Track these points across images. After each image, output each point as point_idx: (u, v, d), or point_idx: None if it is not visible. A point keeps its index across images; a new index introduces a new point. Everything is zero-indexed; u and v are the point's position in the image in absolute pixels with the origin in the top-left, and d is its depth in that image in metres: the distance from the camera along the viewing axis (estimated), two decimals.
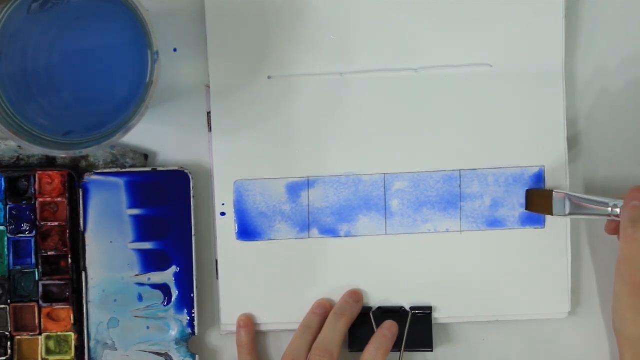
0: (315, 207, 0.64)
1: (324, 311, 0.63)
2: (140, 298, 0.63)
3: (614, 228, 0.62)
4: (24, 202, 0.62)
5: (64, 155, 0.62)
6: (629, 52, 0.65)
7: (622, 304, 0.58)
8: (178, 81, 0.64)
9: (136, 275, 0.63)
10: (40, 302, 0.62)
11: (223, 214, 0.64)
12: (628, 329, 0.58)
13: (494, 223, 0.64)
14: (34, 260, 0.62)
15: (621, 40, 0.65)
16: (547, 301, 0.64)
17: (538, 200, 0.63)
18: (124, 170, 0.63)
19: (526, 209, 0.63)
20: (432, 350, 0.64)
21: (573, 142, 0.64)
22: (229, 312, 0.64)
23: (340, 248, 0.64)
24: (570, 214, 0.61)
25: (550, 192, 0.62)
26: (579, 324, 0.65)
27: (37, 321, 0.62)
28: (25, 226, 0.62)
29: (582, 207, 0.61)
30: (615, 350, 0.65)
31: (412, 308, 0.64)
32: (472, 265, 0.64)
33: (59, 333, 0.63)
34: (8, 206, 0.62)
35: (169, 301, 0.63)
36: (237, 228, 0.64)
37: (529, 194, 0.63)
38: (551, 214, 0.62)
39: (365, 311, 0.64)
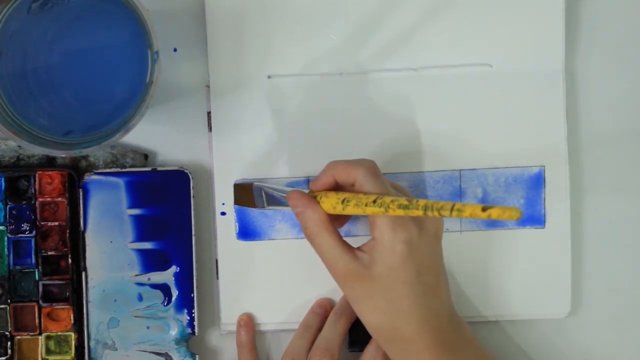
0: None
1: (324, 311, 0.64)
2: (140, 298, 0.63)
3: None
4: (24, 202, 0.62)
5: (64, 155, 0.62)
6: (629, 52, 0.65)
7: (350, 299, 0.58)
8: (178, 81, 0.64)
9: (136, 275, 0.63)
10: (40, 302, 0.62)
11: (223, 213, 0.64)
12: (369, 319, 0.58)
13: (494, 223, 0.64)
14: (34, 260, 0.62)
15: (621, 40, 0.65)
16: (547, 301, 0.64)
17: (241, 194, 0.63)
18: (124, 170, 0.63)
19: (234, 203, 0.63)
20: None
21: (573, 142, 0.64)
22: (229, 312, 0.64)
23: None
24: (269, 205, 0.61)
25: (251, 184, 0.62)
26: (579, 324, 0.65)
27: (37, 321, 0.62)
28: (25, 226, 0.62)
29: (276, 199, 0.60)
30: (615, 351, 0.66)
31: None
32: (472, 265, 0.64)
33: (59, 333, 0.63)
34: (8, 206, 0.62)
35: (169, 301, 0.63)
36: (237, 228, 0.64)
37: (235, 188, 0.63)
38: (254, 206, 0.62)
39: None
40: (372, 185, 0.56)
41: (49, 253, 0.62)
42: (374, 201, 0.54)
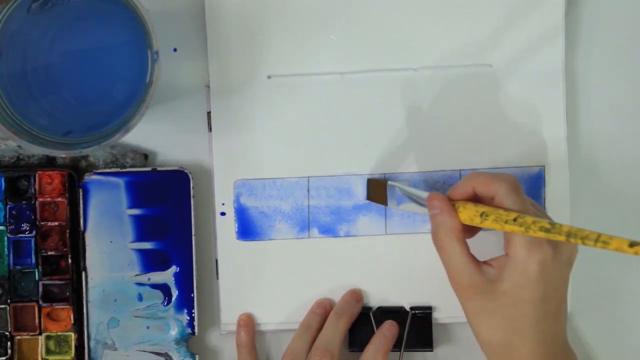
0: (315, 207, 0.64)
1: (324, 311, 0.64)
2: (140, 298, 0.63)
3: None
4: (24, 202, 0.62)
5: (64, 155, 0.62)
6: (629, 52, 0.65)
7: (467, 311, 0.57)
8: (178, 81, 0.64)
9: (136, 275, 0.63)
10: (40, 302, 0.62)
11: (223, 213, 0.64)
12: (483, 334, 0.57)
13: None
14: (33, 260, 0.62)
15: (621, 40, 0.65)
16: None
17: (375, 190, 0.63)
18: (124, 170, 0.63)
19: (367, 198, 0.63)
20: (432, 350, 0.64)
21: (573, 142, 0.64)
22: (229, 312, 0.64)
23: (340, 248, 0.64)
24: (404, 206, 0.61)
25: (385, 182, 0.62)
26: (579, 324, 0.65)
27: (37, 321, 0.62)
28: (25, 226, 0.62)
29: (410, 201, 0.60)
30: (615, 351, 0.66)
31: (412, 308, 0.64)
32: None
33: (59, 333, 0.63)
34: (8, 206, 0.62)
35: (169, 301, 0.63)
36: (237, 228, 0.64)
37: (369, 184, 0.63)
38: (386, 204, 0.62)
39: (365, 311, 0.64)
40: (513, 202, 0.55)
41: (49, 253, 0.62)
42: (515, 219, 0.54)
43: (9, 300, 0.62)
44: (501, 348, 0.56)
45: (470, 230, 0.59)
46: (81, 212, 0.63)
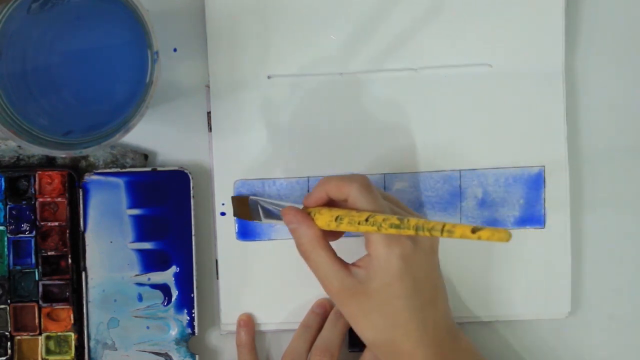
0: None
1: (323, 311, 0.64)
2: (140, 298, 0.63)
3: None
4: (24, 202, 0.62)
5: (64, 155, 0.62)
6: (629, 52, 0.65)
7: (347, 315, 0.57)
8: (178, 81, 0.64)
9: (136, 275, 0.63)
10: (40, 302, 0.62)
11: (223, 214, 0.64)
12: (367, 335, 0.57)
13: (494, 223, 0.64)
14: (33, 260, 0.62)
15: (621, 40, 0.65)
16: (547, 301, 0.64)
17: (239, 206, 0.63)
18: (124, 170, 0.63)
19: (233, 214, 0.64)
20: None
21: (573, 142, 0.64)
22: (229, 312, 0.64)
23: (340, 248, 0.64)
24: (265, 218, 0.61)
25: (247, 198, 0.62)
26: (579, 324, 0.65)
27: (37, 321, 0.62)
28: (25, 226, 0.62)
29: (272, 213, 0.61)
30: (615, 351, 0.66)
31: None
32: (472, 265, 0.64)
33: (59, 333, 0.63)
34: (8, 206, 0.62)
35: (169, 301, 0.63)
36: (237, 228, 0.64)
37: (233, 201, 0.63)
38: (250, 219, 0.62)
39: None
40: (364, 201, 0.56)
41: (49, 253, 0.62)
42: (367, 219, 0.54)
43: (9, 301, 0.62)
44: (387, 345, 0.57)
45: (334, 234, 0.59)
46: (81, 212, 0.63)
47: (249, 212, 0.62)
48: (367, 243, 0.56)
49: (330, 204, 0.58)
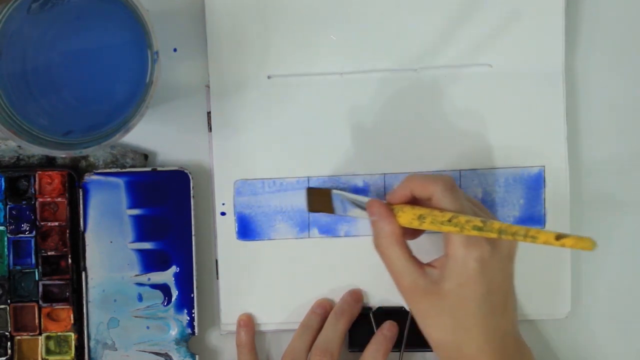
0: None
1: (324, 311, 0.64)
2: (140, 298, 0.63)
3: None
4: (24, 202, 0.62)
5: (64, 155, 0.62)
6: (629, 52, 0.65)
7: (416, 314, 0.58)
8: (178, 81, 0.64)
9: (136, 275, 0.63)
10: (40, 302, 0.62)
11: (223, 213, 0.64)
12: (434, 335, 0.57)
13: None
14: (34, 260, 0.62)
15: (621, 40, 0.65)
16: (547, 301, 0.64)
17: (317, 199, 0.63)
18: (124, 170, 0.63)
19: (308, 209, 0.63)
20: (432, 350, 0.64)
21: (573, 142, 0.64)
22: (229, 312, 0.64)
23: (340, 248, 0.64)
24: (351, 213, 0.61)
25: (329, 190, 0.62)
26: (579, 324, 0.65)
27: (37, 321, 0.62)
28: (25, 226, 0.62)
29: (355, 207, 0.61)
30: (615, 351, 0.66)
31: None
32: None
33: (59, 333, 0.63)
34: (8, 206, 0.62)
35: (169, 301, 0.63)
36: (237, 228, 0.64)
37: (309, 193, 0.63)
38: (332, 212, 0.62)
39: (365, 311, 0.64)
40: (448, 202, 0.56)
41: (49, 253, 0.62)
42: (449, 220, 0.55)
43: (9, 301, 0.62)
44: (451, 347, 0.57)
45: (413, 233, 0.59)
46: (81, 212, 0.63)
47: (331, 205, 0.62)
48: (446, 243, 0.56)
49: (413, 201, 0.58)
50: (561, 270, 0.64)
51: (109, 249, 0.63)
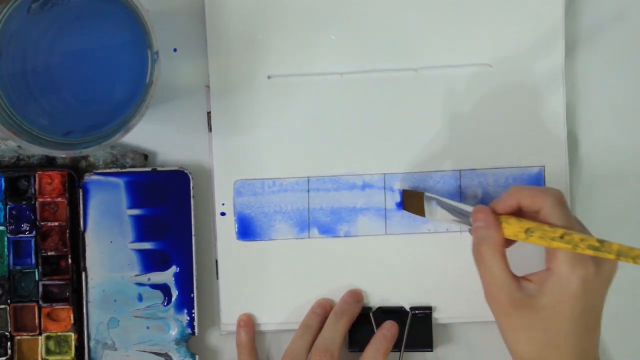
0: (315, 207, 0.64)
1: (324, 311, 0.63)
2: (140, 298, 0.63)
3: None
4: (24, 202, 0.62)
5: (64, 155, 0.62)
6: (629, 52, 0.65)
7: (503, 326, 0.57)
8: (178, 81, 0.64)
9: (136, 275, 0.63)
10: (40, 302, 0.62)
11: (223, 214, 0.64)
12: (520, 349, 0.57)
13: None
14: (33, 260, 0.62)
15: (621, 40, 0.65)
16: None
17: (411, 201, 0.63)
18: (124, 170, 0.63)
19: (402, 208, 0.63)
20: (432, 350, 0.64)
21: (573, 142, 0.64)
22: (229, 312, 0.64)
23: (340, 248, 0.64)
24: (441, 217, 0.61)
25: (422, 194, 0.62)
26: None
27: (37, 321, 0.62)
28: (25, 226, 0.62)
29: (451, 213, 0.60)
30: (615, 350, 0.65)
31: (412, 308, 0.64)
32: (472, 265, 0.64)
33: (59, 333, 0.63)
34: (8, 206, 0.62)
35: (169, 301, 0.63)
36: (237, 228, 0.64)
37: (405, 194, 0.63)
38: (424, 215, 0.62)
39: (365, 311, 0.64)
40: (559, 218, 0.55)
41: (49, 253, 0.62)
42: (561, 236, 0.54)
43: (9, 301, 0.62)
44: None
45: (508, 242, 0.59)
46: (81, 212, 0.63)
47: (423, 208, 0.62)
48: (549, 259, 0.56)
49: (519, 213, 0.58)
50: None
51: (109, 249, 0.63)
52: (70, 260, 0.62)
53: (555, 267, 0.55)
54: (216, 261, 0.64)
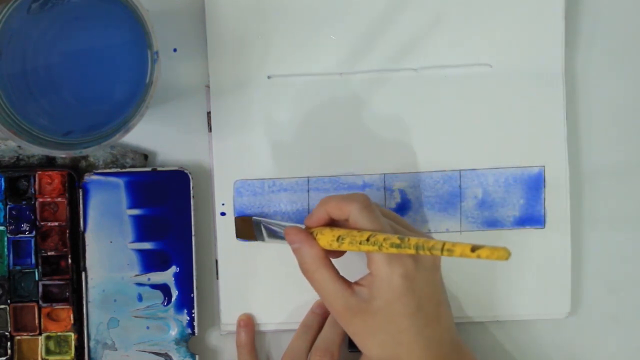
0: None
1: (323, 311, 0.64)
2: (140, 298, 0.63)
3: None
4: (24, 202, 0.62)
5: (64, 155, 0.62)
6: (629, 52, 0.65)
7: (351, 333, 0.57)
8: (178, 81, 0.64)
9: (136, 275, 0.63)
10: (40, 302, 0.62)
11: (223, 214, 0.64)
12: (372, 353, 0.57)
13: (494, 223, 0.64)
14: (33, 260, 0.62)
15: (621, 40, 0.65)
16: (547, 301, 0.64)
17: (242, 227, 0.63)
18: (124, 170, 0.63)
19: (236, 236, 0.63)
20: None
21: (573, 142, 0.64)
22: (229, 312, 0.64)
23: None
24: (269, 238, 0.61)
25: (250, 218, 0.62)
26: (579, 324, 0.65)
27: (37, 321, 0.62)
28: (25, 226, 0.62)
29: (275, 233, 0.61)
30: (615, 351, 0.66)
31: None
32: (472, 265, 0.64)
33: (59, 333, 0.63)
34: (8, 206, 0.62)
35: (169, 301, 0.63)
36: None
37: (236, 221, 0.63)
38: (255, 239, 0.62)
39: None
40: (365, 221, 0.56)
41: (49, 253, 0.62)
42: (367, 239, 0.55)
43: (9, 301, 0.62)
44: None
45: (337, 252, 0.59)
46: (81, 212, 0.63)
47: (253, 232, 0.62)
48: (369, 262, 0.56)
49: (332, 223, 0.58)
50: (561, 270, 0.64)
51: (109, 249, 0.63)
52: (70, 260, 0.62)
53: (375, 269, 0.55)
54: (216, 261, 0.64)
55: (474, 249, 0.49)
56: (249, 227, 0.63)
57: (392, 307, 0.55)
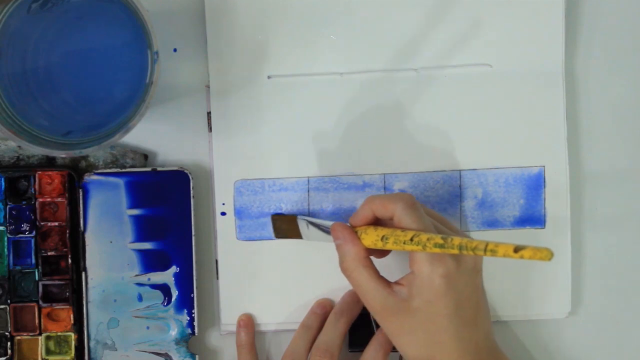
0: (315, 207, 0.64)
1: (324, 311, 0.64)
2: (140, 298, 0.63)
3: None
4: (24, 202, 0.62)
5: (64, 155, 0.62)
6: (629, 52, 0.65)
7: (389, 333, 0.58)
8: (178, 81, 0.64)
9: (136, 275, 0.63)
10: (40, 302, 0.62)
11: (223, 213, 0.64)
12: (409, 352, 0.57)
13: (494, 223, 0.64)
14: (33, 260, 0.62)
15: (621, 40, 0.65)
16: (547, 301, 0.64)
17: (284, 225, 0.63)
18: (124, 170, 0.63)
19: (275, 235, 0.63)
20: None
21: (573, 142, 0.64)
22: (229, 312, 0.64)
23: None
24: (315, 237, 0.61)
25: (295, 216, 0.62)
26: (579, 324, 0.65)
27: (37, 321, 0.62)
28: (25, 226, 0.62)
29: (319, 232, 0.61)
30: (615, 351, 0.66)
31: None
32: None
33: (59, 333, 0.63)
34: (8, 206, 0.62)
35: (169, 301, 0.63)
36: (237, 228, 0.64)
37: (274, 220, 0.63)
38: (300, 237, 0.62)
39: (365, 311, 0.64)
40: (410, 220, 0.56)
41: (49, 253, 0.62)
42: (411, 239, 0.55)
43: (9, 301, 0.62)
44: None
45: (381, 252, 0.59)
46: (81, 212, 0.63)
47: (298, 230, 0.62)
48: (411, 261, 0.56)
49: (376, 222, 0.58)
50: (561, 270, 0.64)
51: (109, 249, 0.63)
52: (70, 261, 0.62)
53: (417, 268, 0.56)
54: (216, 261, 0.64)
55: (517, 249, 0.49)
56: (293, 225, 0.62)
57: (431, 306, 0.56)
